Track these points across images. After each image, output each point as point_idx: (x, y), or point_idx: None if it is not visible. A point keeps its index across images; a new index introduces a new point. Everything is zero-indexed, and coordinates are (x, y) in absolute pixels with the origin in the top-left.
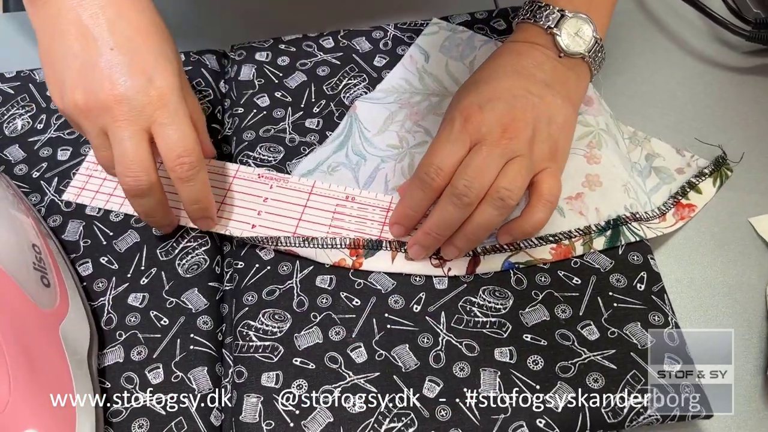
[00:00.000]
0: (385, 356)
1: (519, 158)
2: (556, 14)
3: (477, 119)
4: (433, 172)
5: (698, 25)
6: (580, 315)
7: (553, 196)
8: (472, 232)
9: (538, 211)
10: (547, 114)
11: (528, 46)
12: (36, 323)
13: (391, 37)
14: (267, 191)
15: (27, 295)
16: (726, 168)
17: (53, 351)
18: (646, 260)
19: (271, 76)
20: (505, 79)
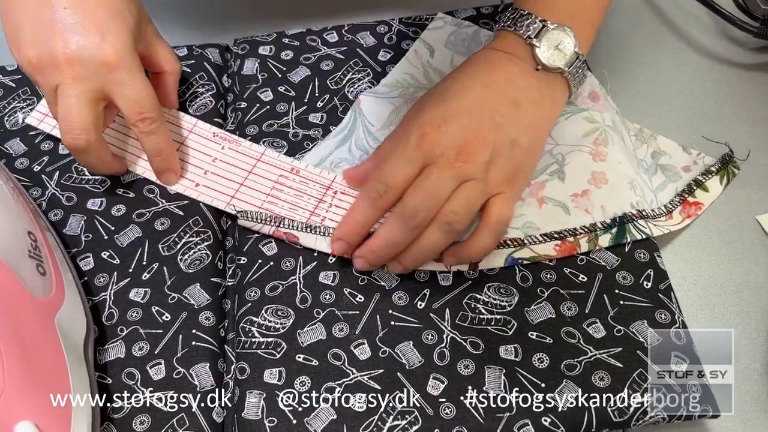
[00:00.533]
0: (389, 353)
1: (472, 182)
2: (537, 24)
3: (432, 138)
4: (382, 189)
5: (706, 21)
6: (586, 313)
7: (500, 223)
8: (418, 253)
9: (484, 236)
10: (511, 136)
11: (504, 57)
12: (30, 311)
13: (395, 31)
14: (218, 151)
15: (21, 283)
16: (733, 166)
17: (48, 340)
18: (652, 258)
19: (275, 71)
20: (473, 93)
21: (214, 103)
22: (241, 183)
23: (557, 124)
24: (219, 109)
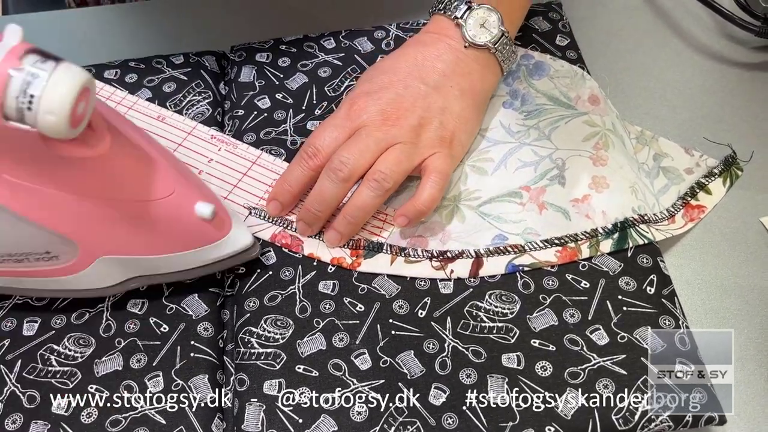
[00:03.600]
0: (390, 363)
1: (399, 144)
2: (463, 6)
3: (360, 105)
4: (311, 151)
5: (706, 21)
6: (589, 319)
7: (439, 172)
8: (351, 214)
9: (427, 187)
10: (440, 104)
11: (434, 37)
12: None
13: (393, 37)
14: (214, 153)
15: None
16: (736, 167)
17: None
18: (655, 263)
19: (272, 78)
20: (402, 67)
21: (211, 111)
22: (234, 185)
23: (556, 127)
24: (216, 117)
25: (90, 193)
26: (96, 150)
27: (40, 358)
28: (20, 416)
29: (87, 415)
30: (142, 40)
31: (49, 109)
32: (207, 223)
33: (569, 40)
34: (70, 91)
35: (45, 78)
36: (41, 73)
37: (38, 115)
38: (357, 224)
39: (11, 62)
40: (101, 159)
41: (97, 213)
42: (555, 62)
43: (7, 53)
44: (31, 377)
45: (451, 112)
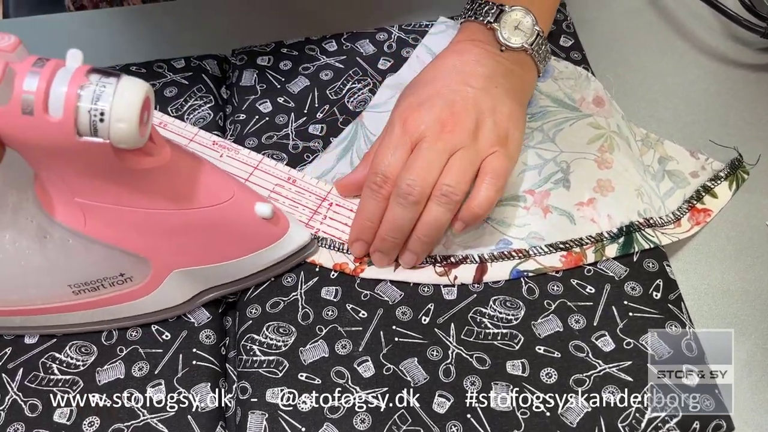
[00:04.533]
0: (393, 370)
1: (461, 150)
2: (495, 9)
3: (415, 118)
4: (380, 180)
5: (711, 22)
6: (595, 325)
7: (496, 173)
8: (424, 234)
9: (483, 188)
10: (490, 104)
11: (469, 44)
12: None
13: (395, 39)
14: (216, 159)
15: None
16: (742, 171)
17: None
18: (661, 267)
19: (273, 81)
20: (445, 78)
21: (213, 116)
22: None
23: (560, 130)
24: (218, 122)
25: (158, 204)
26: (160, 159)
27: (41, 367)
28: (22, 425)
29: (89, 423)
30: (143, 44)
31: (120, 117)
32: (268, 222)
33: (573, 41)
34: (136, 99)
35: (111, 90)
36: (107, 87)
37: (110, 125)
38: (432, 242)
39: (79, 80)
40: (165, 168)
41: (166, 225)
42: (559, 63)
43: (74, 74)
44: (33, 386)
45: (501, 111)
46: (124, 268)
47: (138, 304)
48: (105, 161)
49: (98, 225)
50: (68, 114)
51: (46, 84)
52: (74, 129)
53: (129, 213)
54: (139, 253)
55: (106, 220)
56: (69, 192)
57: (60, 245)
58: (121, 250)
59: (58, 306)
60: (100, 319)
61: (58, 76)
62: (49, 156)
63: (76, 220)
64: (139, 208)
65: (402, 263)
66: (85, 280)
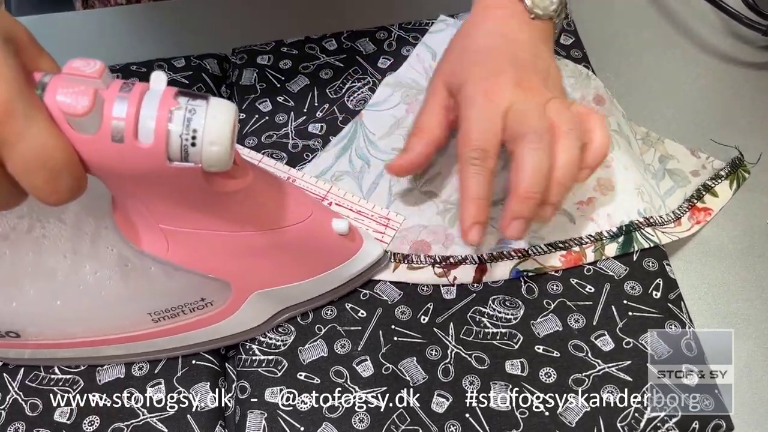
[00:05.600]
0: (392, 370)
1: (552, 100)
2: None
3: (497, 89)
4: (480, 155)
5: (712, 20)
6: (594, 325)
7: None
8: (565, 176)
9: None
10: (544, 67)
11: (502, 12)
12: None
13: (395, 37)
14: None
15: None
16: (743, 170)
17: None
18: (661, 266)
19: (273, 80)
20: (498, 44)
21: None
22: None
23: None
24: None
25: (240, 227)
26: (244, 181)
27: (42, 366)
28: (22, 424)
29: (89, 423)
30: (144, 43)
31: (212, 140)
32: (344, 238)
33: (574, 39)
34: (228, 121)
35: (202, 112)
36: (198, 109)
37: (203, 148)
38: (568, 188)
39: (169, 104)
40: (248, 190)
41: (248, 247)
42: (559, 61)
43: (162, 97)
44: (34, 385)
45: (554, 74)
46: (205, 292)
47: (216, 328)
48: (191, 186)
49: (181, 250)
50: (159, 139)
51: (136, 109)
52: (165, 154)
53: (212, 237)
54: (220, 277)
55: (189, 245)
56: (152, 218)
57: (141, 273)
58: (202, 275)
59: (135, 335)
60: (177, 346)
61: (146, 100)
62: (135, 183)
63: (160, 246)
64: (221, 232)
65: (542, 220)
66: (166, 307)
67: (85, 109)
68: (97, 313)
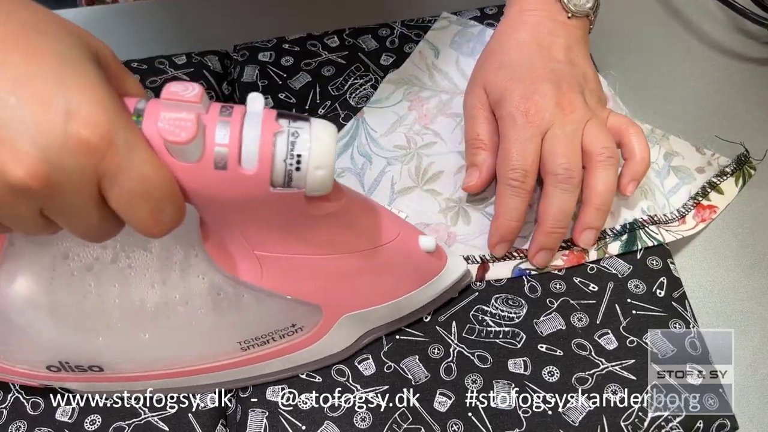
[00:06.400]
0: (394, 368)
1: (589, 122)
2: None
3: (535, 110)
4: (520, 176)
5: (717, 15)
6: (597, 323)
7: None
8: (602, 202)
9: (633, 141)
10: (581, 73)
11: (537, 15)
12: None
13: (398, 34)
14: None
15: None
16: (749, 166)
17: None
18: (665, 265)
19: (275, 77)
20: (534, 57)
21: None
22: None
23: None
24: None
25: (333, 249)
26: (339, 203)
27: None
28: (24, 423)
29: (90, 422)
30: (145, 39)
31: (318, 164)
32: (431, 255)
33: None
34: (332, 143)
35: (306, 135)
36: (301, 132)
37: (308, 173)
38: (607, 210)
39: (272, 127)
40: (342, 212)
41: (340, 269)
42: None
43: (265, 121)
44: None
45: (589, 77)
46: (296, 318)
47: (303, 354)
48: (290, 210)
49: (275, 276)
50: (264, 165)
51: (239, 134)
52: (269, 180)
53: (305, 261)
54: (312, 302)
55: (283, 270)
56: (248, 245)
57: (234, 302)
58: (295, 300)
59: (221, 364)
60: (263, 373)
61: (246, 123)
62: (234, 210)
63: (254, 273)
64: (315, 255)
65: (582, 244)
66: (257, 335)
67: (189, 137)
68: (185, 344)
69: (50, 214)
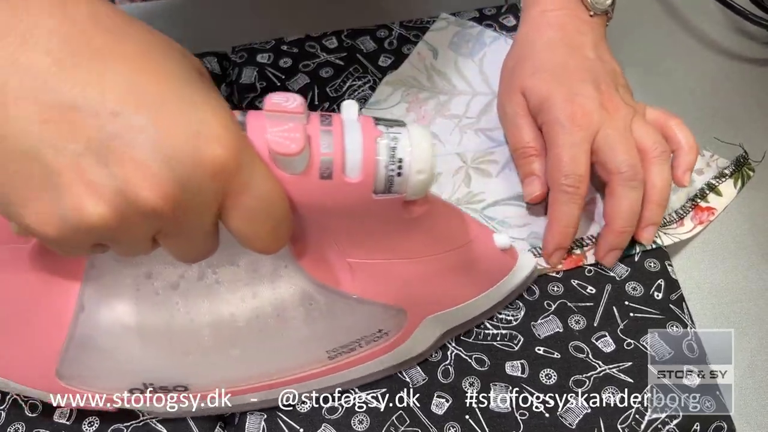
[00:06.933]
0: None
1: (633, 119)
2: None
3: (581, 113)
4: (575, 181)
5: (717, 16)
6: (595, 326)
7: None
8: (661, 197)
9: (677, 131)
10: (610, 70)
11: (561, 14)
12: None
13: (396, 35)
14: None
15: None
16: (748, 168)
17: None
18: (663, 267)
19: (274, 79)
20: (567, 57)
21: None
22: None
23: None
24: None
25: (418, 252)
26: (427, 206)
27: None
28: (22, 425)
29: (88, 423)
30: None
31: (420, 168)
32: (505, 253)
33: None
34: (430, 146)
35: (406, 141)
36: (400, 137)
37: (410, 178)
38: (666, 206)
39: (373, 133)
40: (428, 214)
41: (425, 272)
42: None
43: (365, 128)
44: None
45: (618, 72)
46: (383, 323)
47: (387, 358)
48: (385, 216)
49: (365, 283)
50: (368, 172)
51: (341, 143)
52: (372, 187)
53: (393, 265)
54: (399, 306)
55: (372, 276)
56: (341, 253)
57: (326, 310)
58: (383, 305)
59: (307, 374)
60: (346, 380)
61: (347, 131)
62: (333, 219)
63: (347, 281)
64: (401, 259)
65: (645, 242)
66: (345, 342)
67: (299, 148)
68: (275, 357)
69: (166, 235)
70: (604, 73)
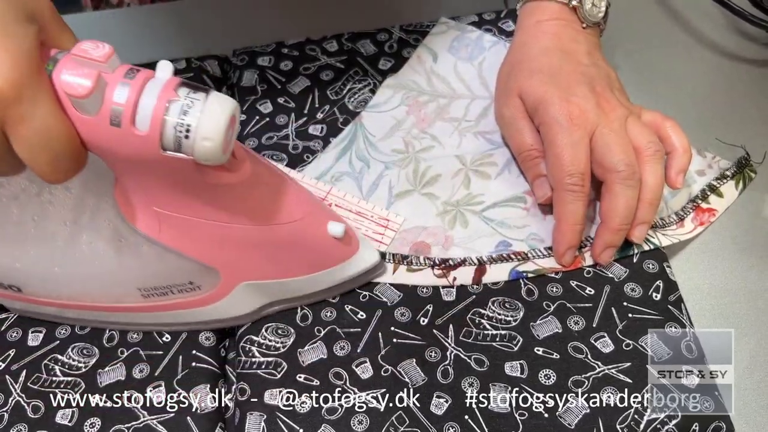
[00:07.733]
0: (392, 371)
1: (629, 118)
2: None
3: (577, 110)
4: (578, 179)
5: (716, 17)
6: (594, 327)
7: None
8: (654, 196)
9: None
10: (605, 74)
11: (555, 24)
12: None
13: (396, 39)
14: None
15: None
16: (749, 169)
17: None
18: (662, 268)
19: (274, 82)
20: (562, 62)
21: None
22: None
23: None
24: None
25: (233, 219)
26: (240, 176)
27: (44, 368)
28: (25, 426)
29: (90, 425)
30: (145, 44)
31: (206, 135)
32: (339, 242)
33: None
34: (223, 118)
35: (199, 107)
36: (195, 103)
37: (195, 143)
38: (658, 204)
39: (168, 95)
40: (244, 184)
41: (239, 239)
42: None
43: (163, 87)
44: (36, 387)
45: (614, 77)
46: (194, 277)
47: (204, 311)
48: (185, 175)
49: (173, 234)
50: (154, 128)
51: (136, 96)
52: (159, 143)
53: (204, 226)
54: (209, 265)
55: (181, 230)
56: (147, 200)
57: (134, 250)
58: (192, 260)
59: (127, 306)
60: (167, 321)
61: (147, 88)
62: (132, 166)
63: (152, 228)
64: (214, 222)
65: (637, 240)
66: (155, 285)
67: (86, 92)
68: (90, 281)
69: None
70: (599, 77)
